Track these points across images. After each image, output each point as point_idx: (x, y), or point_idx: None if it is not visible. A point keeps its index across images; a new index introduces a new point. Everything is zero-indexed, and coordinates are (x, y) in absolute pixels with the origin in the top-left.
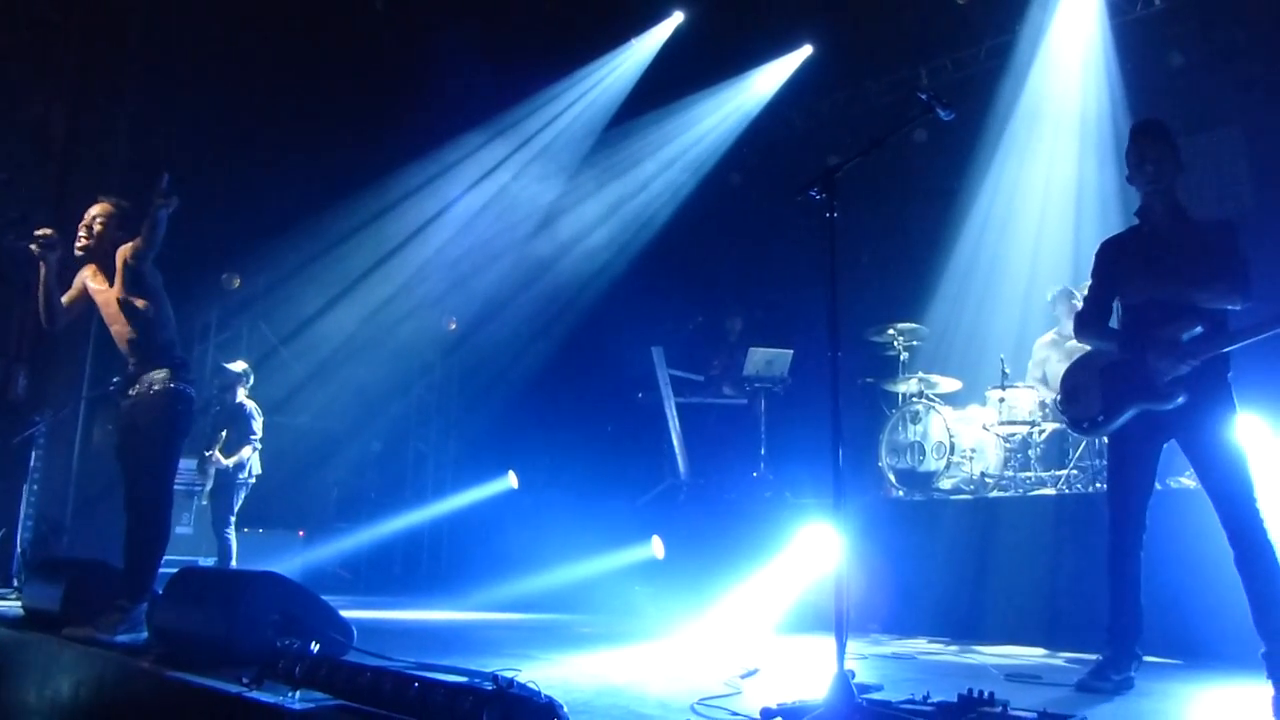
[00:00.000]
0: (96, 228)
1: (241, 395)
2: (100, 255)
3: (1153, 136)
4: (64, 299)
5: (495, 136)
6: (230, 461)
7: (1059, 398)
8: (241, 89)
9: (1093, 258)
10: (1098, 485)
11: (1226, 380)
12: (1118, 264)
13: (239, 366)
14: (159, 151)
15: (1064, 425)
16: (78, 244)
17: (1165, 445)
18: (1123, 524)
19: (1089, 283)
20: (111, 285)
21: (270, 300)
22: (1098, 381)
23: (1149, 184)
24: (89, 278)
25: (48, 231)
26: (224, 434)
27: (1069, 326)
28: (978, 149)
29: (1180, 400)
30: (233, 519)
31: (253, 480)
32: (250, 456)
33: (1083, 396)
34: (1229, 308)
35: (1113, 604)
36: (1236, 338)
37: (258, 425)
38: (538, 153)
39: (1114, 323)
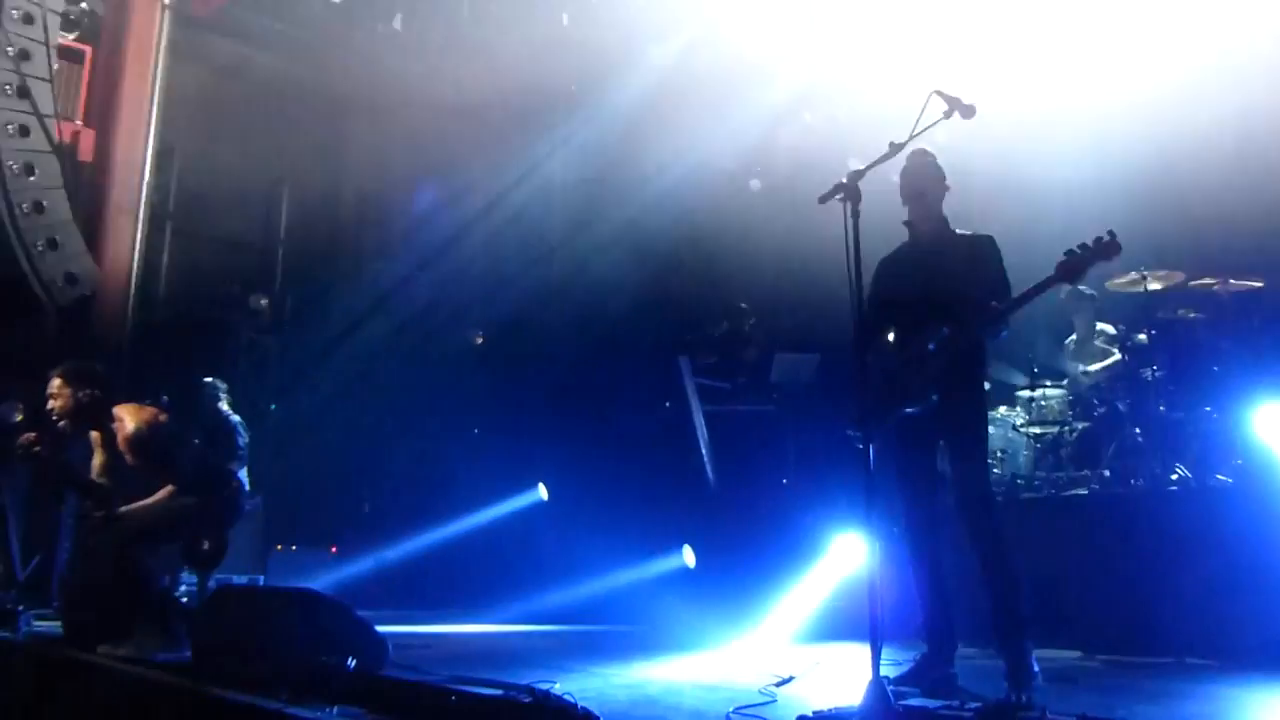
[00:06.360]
0: (57, 404)
1: (224, 407)
2: (86, 420)
3: (916, 169)
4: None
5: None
6: None
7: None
8: None
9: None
10: (1133, 483)
11: (976, 376)
12: (889, 280)
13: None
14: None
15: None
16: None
17: (939, 443)
18: (912, 525)
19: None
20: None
21: (299, 318)
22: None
23: (922, 213)
24: (98, 442)
25: (30, 437)
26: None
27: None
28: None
29: (934, 398)
30: None
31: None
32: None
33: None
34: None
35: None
36: (960, 336)
37: (243, 440)
38: (560, 165)
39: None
